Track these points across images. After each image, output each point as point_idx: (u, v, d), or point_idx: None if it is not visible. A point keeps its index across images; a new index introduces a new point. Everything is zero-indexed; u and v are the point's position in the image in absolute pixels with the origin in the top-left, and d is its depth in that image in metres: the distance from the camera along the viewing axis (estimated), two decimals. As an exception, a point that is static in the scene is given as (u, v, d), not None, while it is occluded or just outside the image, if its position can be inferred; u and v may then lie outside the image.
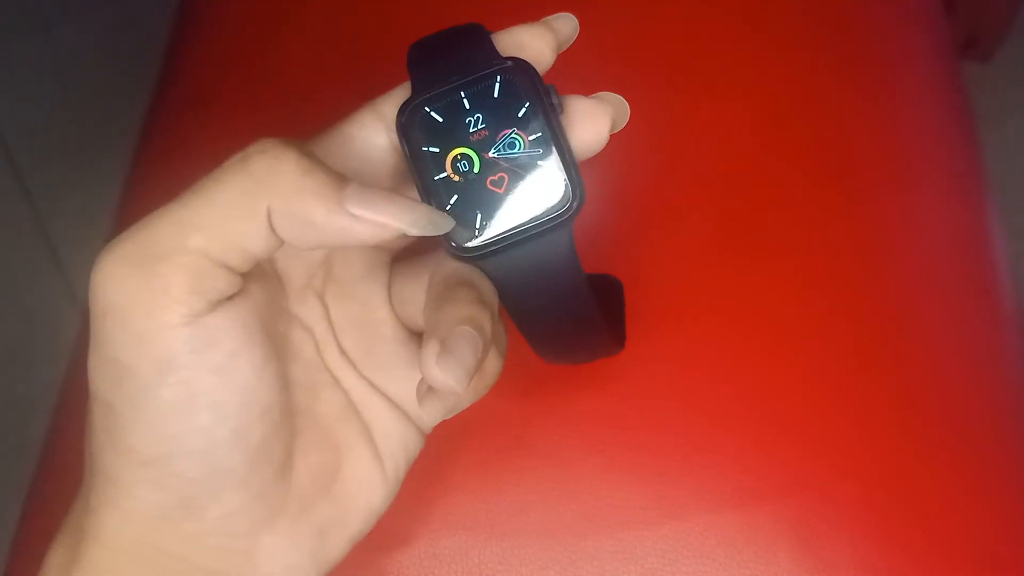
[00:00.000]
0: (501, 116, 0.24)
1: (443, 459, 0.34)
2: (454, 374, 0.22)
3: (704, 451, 0.34)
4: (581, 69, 0.28)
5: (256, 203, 0.21)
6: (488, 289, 0.25)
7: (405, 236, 0.23)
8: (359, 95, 0.27)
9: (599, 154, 0.25)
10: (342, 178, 0.22)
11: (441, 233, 0.23)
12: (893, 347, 0.36)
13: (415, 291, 0.27)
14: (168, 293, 0.21)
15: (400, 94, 0.25)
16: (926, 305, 0.37)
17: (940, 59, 0.44)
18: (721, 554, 0.33)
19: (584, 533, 0.33)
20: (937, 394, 0.35)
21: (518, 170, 0.24)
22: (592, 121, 0.25)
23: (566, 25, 0.26)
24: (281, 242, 0.22)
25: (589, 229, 0.29)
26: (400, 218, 0.22)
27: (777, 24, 0.42)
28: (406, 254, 0.28)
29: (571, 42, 0.26)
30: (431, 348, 0.22)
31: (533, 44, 0.25)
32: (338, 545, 0.25)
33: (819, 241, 0.37)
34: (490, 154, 0.24)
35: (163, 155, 0.44)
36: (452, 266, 0.25)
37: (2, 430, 0.83)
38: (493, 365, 0.26)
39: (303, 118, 0.41)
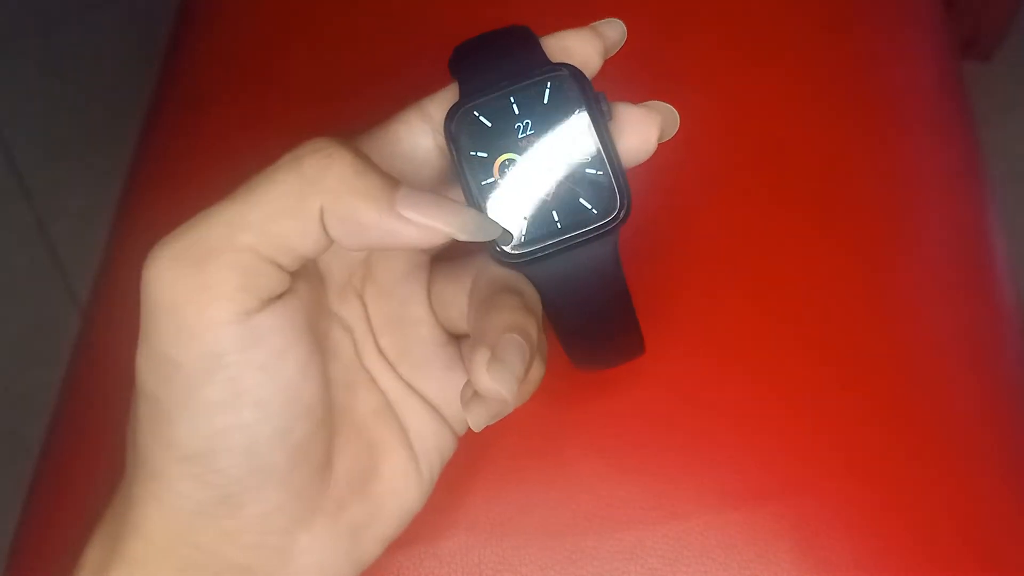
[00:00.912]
0: (550, 121, 0.24)
1: (443, 459, 0.34)
2: (505, 382, 0.22)
3: (705, 451, 0.34)
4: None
5: (307, 202, 0.21)
6: (532, 295, 0.25)
7: (450, 239, 0.23)
8: (360, 95, 0.27)
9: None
10: (394, 180, 0.22)
11: (489, 239, 0.23)
12: (893, 347, 0.36)
13: (456, 293, 0.27)
14: (218, 290, 0.21)
15: (447, 96, 0.25)
16: (926, 305, 0.37)
17: (940, 58, 0.44)
18: (721, 554, 0.33)
19: (584, 533, 0.33)
20: (937, 394, 0.35)
21: (565, 177, 0.24)
22: (641, 130, 0.25)
23: (614, 31, 0.26)
24: (330, 241, 0.22)
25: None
26: (450, 223, 0.22)
27: (776, 24, 0.42)
28: (447, 255, 0.28)
29: (618, 48, 0.26)
30: (481, 355, 0.22)
31: (581, 49, 0.25)
32: (372, 545, 0.25)
33: (819, 241, 0.37)
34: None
35: (163, 155, 0.44)
36: (496, 271, 0.25)
37: (2, 430, 0.83)
38: (537, 371, 0.26)
39: (303, 118, 0.41)
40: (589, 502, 0.33)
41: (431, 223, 0.22)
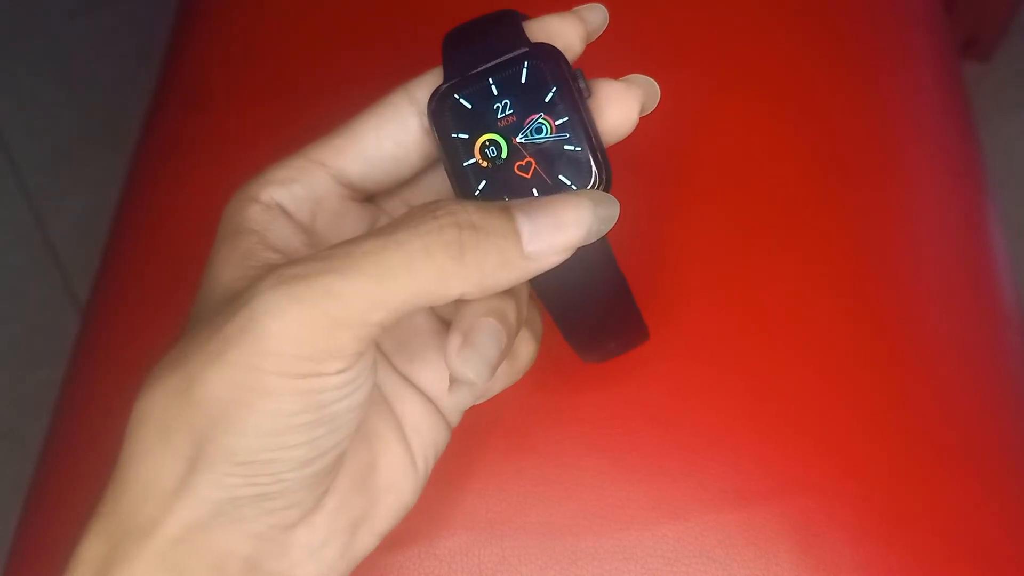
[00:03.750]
0: (528, 101, 0.24)
1: (443, 459, 0.34)
2: (474, 368, 0.23)
3: (705, 451, 0.34)
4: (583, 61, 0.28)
5: (448, 291, 0.22)
6: None
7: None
8: (361, 93, 0.27)
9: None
10: (509, 218, 0.22)
11: (614, 222, 0.23)
12: (893, 346, 0.36)
13: None
14: (339, 354, 0.22)
15: (432, 78, 0.26)
16: (926, 304, 0.37)
17: (940, 58, 0.44)
18: (721, 554, 0.33)
19: (584, 533, 0.33)
20: (937, 394, 0.35)
21: (544, 155, 0.24)
22: (621, 104, 0.25)
23: (596, 15, 0.26)
24: None
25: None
26: (575, 236, 0.23)
27: (777, 23, 0.42)
28: None
29: (600, 32, 0.26)
30: (454, 340, 0.23)
31: (563, 33, 0.25)
32: (368, 540, 0.26)
33: (818, 241, 0.37)
34: (517, 139, 0.24)
35: (163, 155, 0.44)
36: None
37: (2, 430, 0.83)
38: (526, 350, 0.27)
39: (303, 118, 0.41)
40: (589, 502, 0.33)
41: (560, 246, 0.23)
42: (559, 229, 0.23)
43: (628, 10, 0.41)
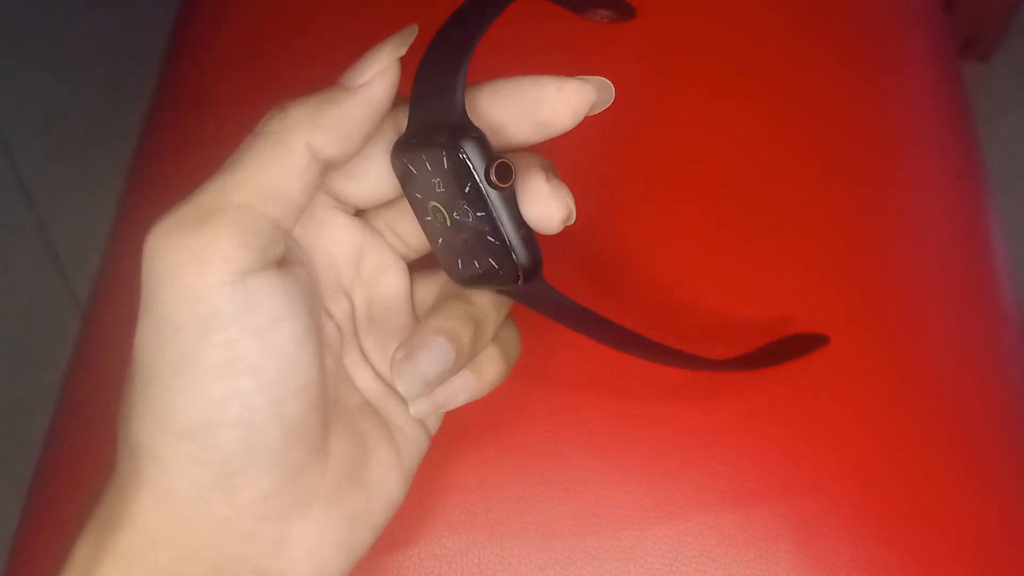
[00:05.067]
0: (453, 187, 0.23)
1: (442, 459, 0.34)
2: (405, 383, 0.23)
3: (704, 451, 0.34)
4: (584, 64, 0.28)
5: (290, 143, 0.23)
6: (485, 303, 0.25)
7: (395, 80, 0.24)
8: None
9: (602, 147, 0.25)
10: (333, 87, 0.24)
11: (409, 42, 0.24)
12: (893, 347, 0.36)
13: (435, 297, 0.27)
14: (216, 249, 0.22)
15: None
16: (926, 304, 0.37)
17: (939, 58, 0.44)
18: (721, 554, 0.33)
19: (584, 533, 0.33)
20: (937, 394, 0.35)
21: (475, 236, 0.24)
22: (544, 208, 0.23)
23: (602, 93, 0.24)
24: (318, 180, 0.23)
25: (592, 223, 0.29)
26: (386, 52, 0.24)
27: (776, 23, 0.42)
28: (432, 261, 0.28)
29: (600, 110, 0.24)
30: (397, 353, 0.24)
31: (554, 103, 0.23)
32: (366, 536, 0.26)
33: (817, 241, 0.37)
34: (454, 215, 0.24)
35: (163, 155, 0.44)
36: None
37: (2, 430, 0.83)
38: (493, 369, 0.26)
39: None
40: (588, 502, 0.33)
41: (378, 68, 0.23)
42: (368, 57, 0.24)
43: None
